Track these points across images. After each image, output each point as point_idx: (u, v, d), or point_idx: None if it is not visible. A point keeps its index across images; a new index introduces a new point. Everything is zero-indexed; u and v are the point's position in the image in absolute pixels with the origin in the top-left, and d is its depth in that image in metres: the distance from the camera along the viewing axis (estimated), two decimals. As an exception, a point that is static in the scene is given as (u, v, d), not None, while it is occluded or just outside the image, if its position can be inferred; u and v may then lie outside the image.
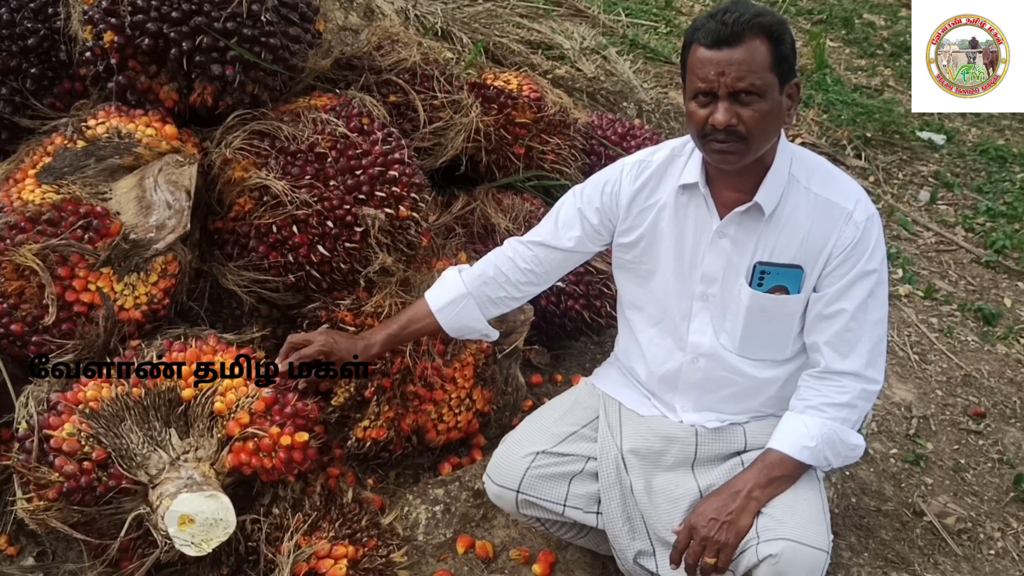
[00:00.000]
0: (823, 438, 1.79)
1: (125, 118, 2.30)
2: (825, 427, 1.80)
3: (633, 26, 6.08)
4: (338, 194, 2.25)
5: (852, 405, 1.83)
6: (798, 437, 1.80)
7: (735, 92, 1.68)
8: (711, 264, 1.88)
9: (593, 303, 2.84)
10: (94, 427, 1.91)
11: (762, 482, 1.79)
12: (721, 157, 1.75)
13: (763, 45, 1.67)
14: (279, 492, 2.12)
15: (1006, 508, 2.81)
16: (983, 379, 3.46)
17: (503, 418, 2.61)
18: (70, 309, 2.03)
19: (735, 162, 1.76)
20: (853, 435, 1.84)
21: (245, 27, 2.23)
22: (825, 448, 1.80)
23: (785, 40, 1.69)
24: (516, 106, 2.95)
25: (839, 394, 1.82)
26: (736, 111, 1.69)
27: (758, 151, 1.75)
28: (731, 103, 1.69)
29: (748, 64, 1.66)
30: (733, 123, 1.69)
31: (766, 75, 1.68)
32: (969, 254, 4.45)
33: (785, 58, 1.70)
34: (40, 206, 2.06)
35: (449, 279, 2.10)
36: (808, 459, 1.79)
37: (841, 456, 1.84)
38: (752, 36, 1.66)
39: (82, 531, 1.91)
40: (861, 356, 1.82)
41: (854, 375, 1.83)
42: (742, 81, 1.67)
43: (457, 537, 2.29)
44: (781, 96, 1.72)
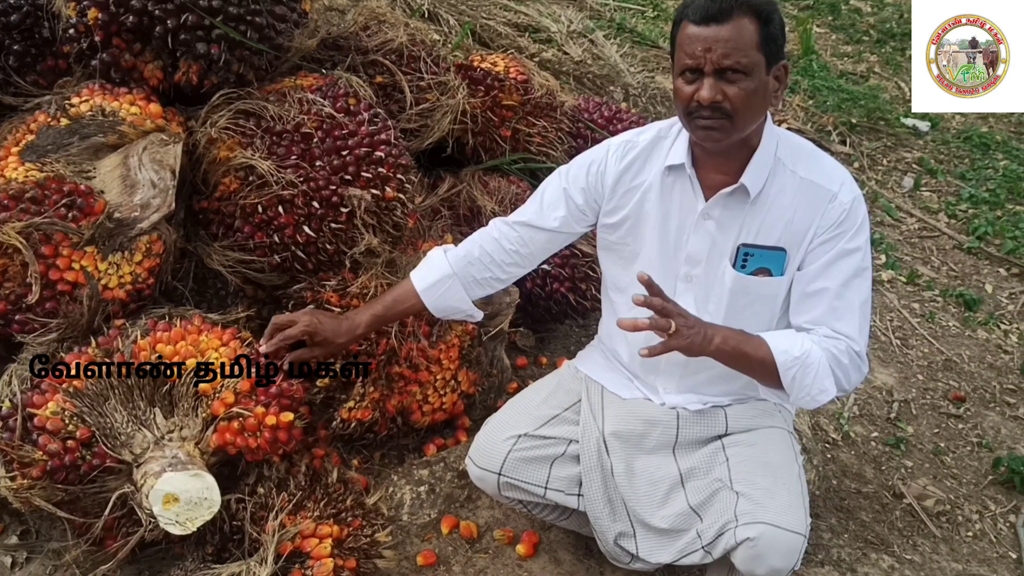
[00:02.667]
0: (807, 358, 1.76)
1: (109, 96, 2.28)
2: (816, 353, 1.77)
3: (620, 10, 6.06)
4: (324, 175, 2.24)
5: (844, 366, 1.79)
6: (788, 343, 1.78)
7: (721, 69, 1.68)
8: (696, 245, 1.89)
9: (578, 286, 2.85)
10: (78, 406, 1.90)
11: (732, 343, 1.78)
12: (706, 134, 1.76)
13: (751, 24, 1.67)
14: (264, 472, 2.12)
15: (984, 491, 2.85)
16: (964, 364, 3.50)
17: (488, 400, 2.62)
18: (54, 288, 2.02)
19: (720, 139, 1.76)
20: (830, 380, 1.79)
21: (231, 5, 2.22)
22: (800, 368, 1.76)
23: (774, 20, 1.70)
24: (503, 88, 2.94)
25: (839, 353, 1.79)
26: (722, 88, 1.69)
27: (743, 129, 1.76)
28: (717, 80, 1.69)
29: (735, 42, 1.67)
30: (718, 100, 1.70)
31: (753, 54, 1.68)
32: (951, 240, 4.48)
33: (773, 38, 1.70)
34: (23, 184, 2.04)
35: (434, 259, 2.10)
36: (782, 363, 1.76)
37: (804, 389, 1.78)
38: (740, 14, 1.67)
39: (66, 510, 1.91)
40: (853, 336, 1.81)
41: (853, 351, 1.81)
42: (728, 58, 1.67)
43: (442, 517, 2.30)
44: (768, 76, 1.73)
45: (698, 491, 1.88)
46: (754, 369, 1.82)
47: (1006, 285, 4.14)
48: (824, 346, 1.79)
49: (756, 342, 1.79)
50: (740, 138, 1.77)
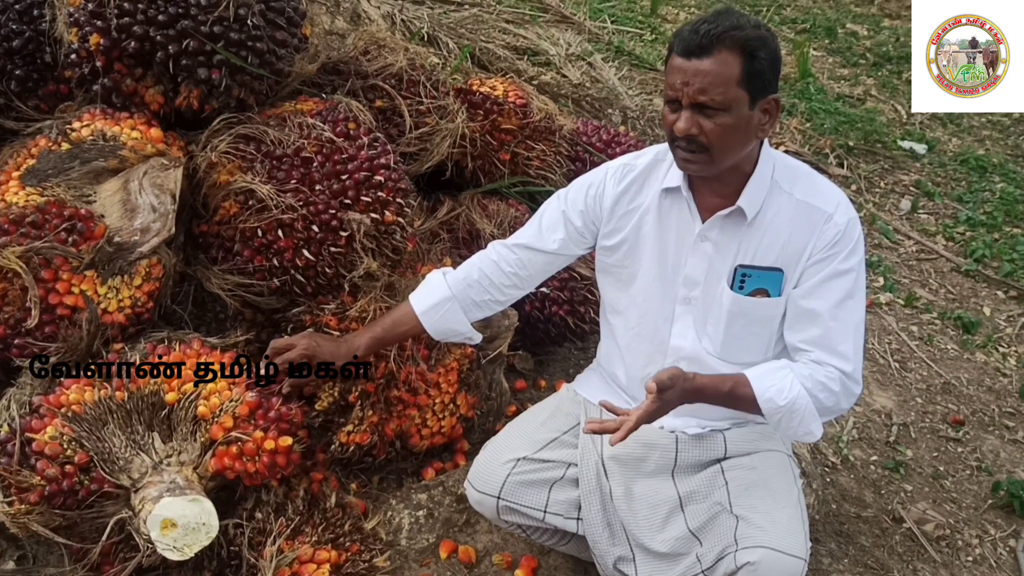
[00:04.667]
0: (792, 405, 1.76)
1: (110, 121, 2.29)
2: (802, 400, 1.77)
3: (619, 33, 6.11)
4: (323, 198, 2.25)
5: (835, 393, 1.79)
6: (775, 390, 1.78)
7: (698, 104, 1.69)
8: (693, 267, 1.90)
9: (577, 309, 2.85)
10: (76, 430, 1.90)
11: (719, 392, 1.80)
12: (684, 164, 1.78)
13: (734, 59, 1.67)
14: (262, 496, 2.12)
15: (984, 515, 2.84)
16: (962, 387, 3.50)
17: (487, 423, 2.61)
18: (53, 312, 2.02)
19: (698, 171, 1.78)
20: (817, 423, 1.79)
21: (232, 31, 2.23)
22: (786, 415, 1.77)
23: (759, 56, 1.68)
24: (502, 112, 2.96)
25: (829, 380, 1.79)
26: (698, 121, 1.70)
27: (722, 163, 1.76)
28: (694, 113, 1.70)
29: (712, 77, 1.67)
30: (693, 132, 1.71)
31: (732, 90, 1.68)
32: (949, 263, 4.49)
33: (758, 73, 1.69)
34: (24, 208, 2.05)
35: (433, 282, 2.10)
36: (767, 412, 1.77)
37: (791, 431, 1.80)
38: (722, 49, 1.66)
39: (64, 535, 1.90)
40: (848, 358, 1.81)
41: (845, 375, 1.81)
42: (704, 94, 1.68)
43: (440, 542, 2.29)
44: (753, 111, 1.72)
45: (697, 515, 1.88)
46: (740, 408, 1.85)
47: (1004, 308, 4.15)
48: (815, 378, 1.79)
49: (740, 393, 1.80)
50: (723, 168, 1.78)
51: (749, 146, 1.79)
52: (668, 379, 1.71)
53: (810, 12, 7.78)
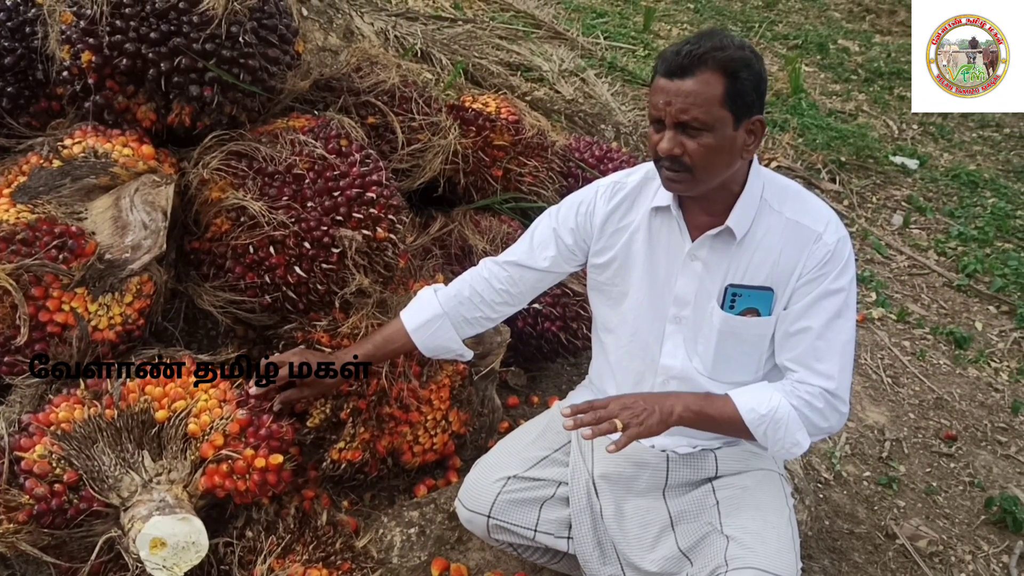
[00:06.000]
0: (775, 414, 1.77)
1: (102, 138, 2.29)
2: (784, 408, 1.77)
3: (611, 49, 6.14)
4: (315, 215, 2.25)
5: (819, 410, 1.79)
6: (755, 400, 1.79)
7: (680, 123, 1.70)
8: (683, 287, 1.90)
9: (570, 325, 2.85)
10: (66, 448, 1.89)
11: (694, 408, 1.79)
12: (668, 184, 1.79)
13: (716, 80, 1.67)
14: (252, 515, 2.11)
15: (977, 531, 2.84)
16: (955, 402, 3.50)
17: (479, 440, 2.61)
18: (43, 329, 2.02)
19: (682, 190, 1.79)
20: (802, 433, 1.79)
21: (224, 48, 2.24)
22: (769, 424, 1.77)
23: (741, 76, 1.68)
24: (494, 128, 2.96)
25: (812, 398, 1.80)
26: (681, 141, 1.71)
27: (706, 182, 1.76)
28: (677, 133, 1.71)
29: (695, 97, 1.67)
30: (676, 152, 1.71)
31: (715, 110, 1.68)
32: (941, 278, 4.51)
33: (741, 94, 1.69)
34: (14, 225, 2.04)
35: (424, 299, 2.10)
36: (749, 422, 1.78)
37: (777, 443, 1.79)
38: (704, 70, 1.66)
39: (52, 554, 1.89)
40: (832, 376, 1.81)
41: (829, 392, 1.80)
42: (685, 114, 1.68)
43: (432, 560, 2.28)
44: (737, 131, 1.72)
45: (688, 534, 1.87)
46: (724, 429, 1.84)
47: (996, 323, 4.16)
48: (797, 394, 1.79)
49: (721, 403, 1.81)
50: (708, 188, 1.78)
51: (734, 166, 1.78)
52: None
53: (802, 28, 7.83)
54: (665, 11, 7.61)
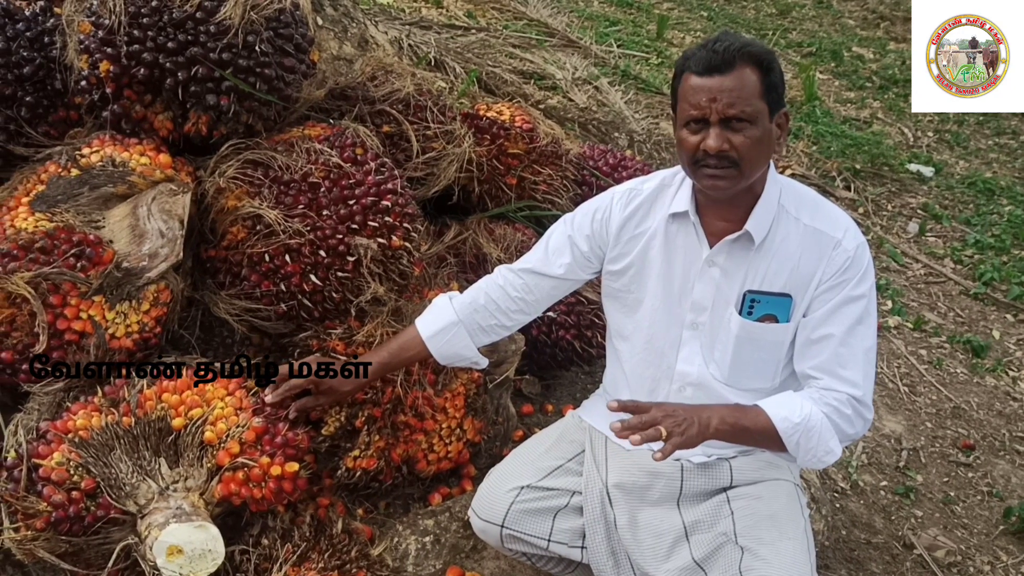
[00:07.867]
0: (808, 422, 1.76)
1: (119, 147, 2.30)
2: (816, 416, 1.76)
3: (625, 57, 6.14)
4: (331, 224, 2.25)
5: (847, 417, 1.78)
6: (787, 409, 1.77)
7: (727, 118, 1.71)
8: (701, 292, 1.90)
9: (584, 333, 2.85)
10: (83, 456, 1.90)
11: (730, 420, 1.76)
12: (712, 183, 1.77)
13: (753, 73, 1.70)
14: (268, 522, 2.11)
15: (995, 541, 2.81)
16: (972, 411, 3.48)
17: (493, 448, 2.60)
18: (61, 337, 2.03)
19: (727, 188, 1.77)
20: (835, 440, 1.78)
21: (240, 57, 2.25)
22: (803, 433, 1.76)
23: (774, 69, 1.72)
24: (508, 137, 2.97)
25: (840, 405, 1.79)
26: (727, 137, 1.71)
27: (750, 177, 1.77)
28: (722, 129, 1.72)
29: (739, 91, 1.69)
30: (725, 148, 1.71)
31: (756, 102, 1.71)
32: (958, 286, 4.48)
33: (774, 87, 1.73)
34: (33, 234, 2.06)
35: (440, 307, 2.10)
36: (783, 431, 1.76)
37: (811, 453, 1.78)
38: (742, 64, 1.69)
39: (70, 561, 1.90)
40: (858, 383, 1.80)
41: (856, 399, 1.80)
42: (733, 108, 1.70)
43: (447, 568, 2.27)
44: (771, 124, 1.75)
45: (702, 545, 1.86)
46: (757, 440, 1.82)
47: (1013, 331, 4.13)
48: (825, 401, 1.79)
49: (754, 413, 1.79)
50: (750, 183, 1.79)
51: (769, 160, 1.81)
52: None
53: (816, 36, 7.82)
54: (678, 19, 7.62)
